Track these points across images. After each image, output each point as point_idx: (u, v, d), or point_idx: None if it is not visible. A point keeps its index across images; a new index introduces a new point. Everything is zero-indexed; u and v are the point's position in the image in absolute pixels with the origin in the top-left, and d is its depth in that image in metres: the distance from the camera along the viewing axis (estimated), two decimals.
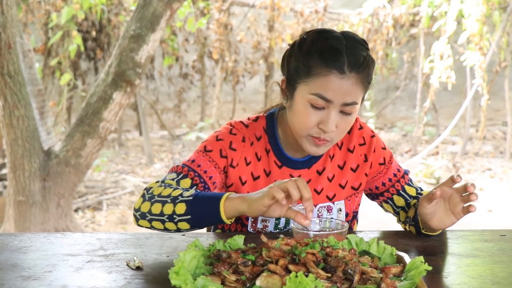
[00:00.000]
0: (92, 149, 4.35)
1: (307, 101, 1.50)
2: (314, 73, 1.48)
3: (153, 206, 1.46)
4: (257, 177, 1.66)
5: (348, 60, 1.47)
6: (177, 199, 1.43)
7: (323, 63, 1.47)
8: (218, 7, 8.27)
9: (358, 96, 1.51)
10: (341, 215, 1.71)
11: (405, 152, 9.08)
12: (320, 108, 1.49)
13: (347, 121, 1.53)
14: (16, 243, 1.52)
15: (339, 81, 1.47)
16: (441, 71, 6.99)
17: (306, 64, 1.50)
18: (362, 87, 1.51)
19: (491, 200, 6.24)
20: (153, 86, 11.34)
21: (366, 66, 1.50)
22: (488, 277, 1.25)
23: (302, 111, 1.52)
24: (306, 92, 1.50)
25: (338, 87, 1.47)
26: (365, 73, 1.51)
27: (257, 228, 1.67)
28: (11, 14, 3.96)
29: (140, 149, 9.51)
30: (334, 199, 1.69)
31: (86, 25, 7.97)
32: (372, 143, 1.71)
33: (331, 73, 1.47)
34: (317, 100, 1.48)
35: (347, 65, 1.47)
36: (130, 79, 4.21)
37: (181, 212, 1.42)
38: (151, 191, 1.49)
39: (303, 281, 1.03)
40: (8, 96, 4.06)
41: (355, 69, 1.48)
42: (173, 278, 1.11)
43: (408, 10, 8.51)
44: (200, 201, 1.41)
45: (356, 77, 1.48)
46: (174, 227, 1.45)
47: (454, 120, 7.39)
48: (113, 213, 5.84)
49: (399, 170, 1.74)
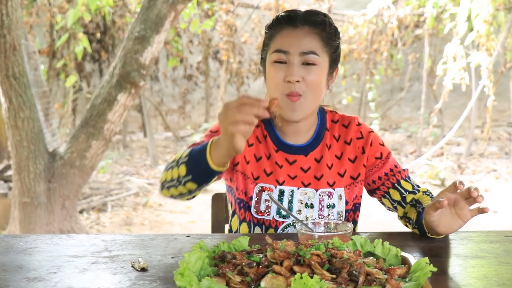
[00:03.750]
0: (97, 151, 4.36)
1: (271, 61, 1.66)
2: (273, 35, 1.68)
3: (167, 174, 1.58)
4: (260, 158, 1.76)
5: (301, 17, 1.65)
6: (179, 162, 1.54)
7: (278, 24, 1.68)
8: (226, 8, 8.28)
9: (315, 46, 1.64)
10: (341, 201, 1.74)
11: (410, 153, 9.06)
12: (283, 62, 1.63)
13: (312, 73, 1.63)
14: (22, 245, 1.52)
15: (292, 32, 1.65)
16: (455, 73, 6.98)
17: (268, 32, 1.71)
18: (319, 39, 1.65)
19: (496, 201, 6.22)
20: (157, 88, 11.35)
21: (322, 22, 1.66)
22: (493, 278, 1.25)
23: (270, 72, 1.67)
24: (269, 54, 1.67)
25: (292, 38, 1.64)
26: (320, 27, 1.66)
27: (260, 210, 1.72)
28: (16, 16, 3.98)
29: (145, 150, 9.52)
30: (334, 186, 1.75)
31: (91, 27, 7.99)
32: (370, 137, 1.79)
33: (284, 28, 1.66)
34: (277, 55, 1.64)
35: (300, 19, 1.65)
36: (135, 80, 4.22)
37: (183, 173, 1.52)
38: (168, 162, 1.63)
39: (308, 283, 1.03)
40: (13, 98, 4.07)
41: (309, 22, 1.65)
42: (178, 279, 1.11)
43: (413, 11, 8.49)
44: (193, 158, 1.51)
45: (310, 29, 1.65)
46: (184, 189, 1.56)
47: (459, 121, 7.37)
48: (118, 215, 5.85)
49: (396, 167, 1.79)
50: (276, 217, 1.71)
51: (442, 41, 9.24)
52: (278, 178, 1.73)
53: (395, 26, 8.45)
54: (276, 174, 1.73)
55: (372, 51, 8.87)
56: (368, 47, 8.85)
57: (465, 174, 7.61)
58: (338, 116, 1.82)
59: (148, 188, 6.87)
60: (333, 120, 1.81)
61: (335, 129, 1.80)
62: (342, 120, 1.81)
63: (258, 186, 1.73)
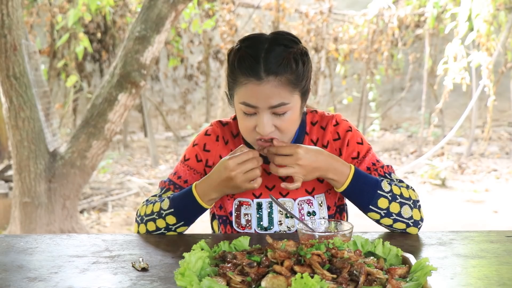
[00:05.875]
0: (97, 151, 4.36)
1: (240, 109, 1.58)
2: (237, 83, 1.56)
3: (147, 226, 1.67)
4: None
5: (264, 66, 1.51)
6: (163, 214, 1.64)
7: (241, 73, 1.54)
8: (228, 8, 8.28)
9: (284, 96, 1.53)
10: (322, 208, 1.72)
11: (410, 153, 9.05)
12: (252, 114, 1.56)
13: (285, 120, 1.56)
14: (22, 245, 1.52)
15: (258, 88, 1.52)
16: (455, 73, 6.97)
17: (232, 76, 1.58)
18: (288, 86, 1.53)
19: (497, 201, 6.22)
20: (158, 88, 11.36)
21: (287, 66, 1.52)
22: (494, 278, 1.25)
23: (240, 118, 1.61)
24: (237, 101, 1.58)
25: (259, 93, 1.52)
26: (288, 72, 1.52)
27: (241, 223, 1.71)
28: (16, 16, 3.98)
29: (145, 150, 9.52)
30: (313, 193, 1.71)
31: (92, 27, 7.99)
32: (346, 137, 1.72)
33: (249, 81, 1.52)
34: (245, 108, 1.55)
35: (264, 70, 1.51)
36: (135, 80, 4.22)
37: (173, 222, 1.64)
38: (139, 214, 1.70)
39: (309, 282, 1.03)
40: (13, 98, 4.07)
41: (273, 72, 1.51)
42: (179, 279, 1.11)
43: (413, 11, 8.49)
44: (182, 207, 1.62)
45: (276, 80, 1.52)
46: (174, 231, 1.67)
47: (459, 121, 7.37)
48: (119, 215, 5.85)
49: (375, 163, 1.72)
50: (257, 230, 1.70)
51: (443, 41, 9.24)
52: (255, 191, 1.70)
53: (395, 26, 8.45)
54: None
55: (372, 51, 8.87)
56: (368, 47, 8.85)
57: (466, 174, 7.61)
58: (317, 117, 1.76)
59: (149, 188, 6.87)
60: (312, 122, 1.75)
61: (313, 132, 1.74)
62: (321, 121, 1.75)
63: (236, 201, 1.71)
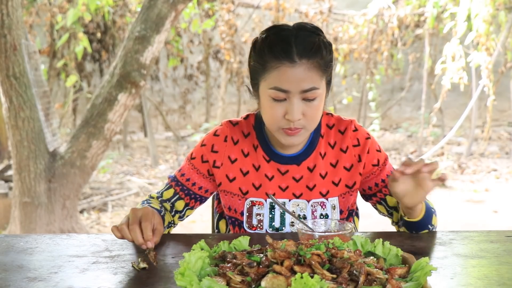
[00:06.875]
0: (97, 151, 4.36)
1: (268, 95, 1.56)
2: (268, 68, 1.55)
3: None
4: (247, 172, 1.72)
5: (297, 49, 1.52)
6: None
7: (273, 56, 1.54)
8: (228, 8, 8.27)
9: (315, 81, 1.54)
10: (335, 211, 1.72)
11: (410, 153, 9.05)
12: (282, 99, 1.55)
13: (313, 107, 1.56)
14: (22, 245, 1.52)
15: (291, 70, 1.52)
16: (453, 72, 6.97)
17: (260, 61, 1.57)
18: (319, 71, 1.54)
19: (496, 201, 6.22)
20: (158, 88, 11.35)
21: (318, 51, 1.54)
22: (494, 278, 1.25)
23: (267, 106, 1.58)
24: (266, 87, 1.56)
25: (291, 76, 1.52)
26: (318, 57, 1.54)
27: (253, 224, 1.71)
28: (16, 16, 3.97)
29: (145, 150, 9.52)
30: (327, 196, 1.72)
31: (91, 27, 7.99)
32: (367, 145, 1.73)
33: (282, 64, 1.52)
34: (276, 93, 1.54)
35: (296, 53, 1.52)
36: (135, 80, 4.22)
37: None
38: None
39: (308, 282, 1.03)
40: (13, 97, 4.07)
41: (305, 55, 1.52)
42: (179, 279, 1.11)
43: (413, 11, 8.48)
44: None
45: (308, 63, 1.53)
46: None
47: (459, 120, 7.37)
48: (118, 215, 5.85)
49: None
50: (269, 230, 1.70)
51: (443, 40, 9.23)
52: (268, 191, 1.70)
53: (395, 25, 8.45)
54: (265, 187, 1.70)
55: (372, 50, 8.86)
56: (368, 47, 8.85)
57: (466, 174, 7.61)
58: (334, 120, 1.75)
59: (149, 188, 6.87)
60: (329, 125, 1.75)
61: (331, 135, 1.74)
62: (338, 125, 1.74)
63: (248, 201, 1.71)
